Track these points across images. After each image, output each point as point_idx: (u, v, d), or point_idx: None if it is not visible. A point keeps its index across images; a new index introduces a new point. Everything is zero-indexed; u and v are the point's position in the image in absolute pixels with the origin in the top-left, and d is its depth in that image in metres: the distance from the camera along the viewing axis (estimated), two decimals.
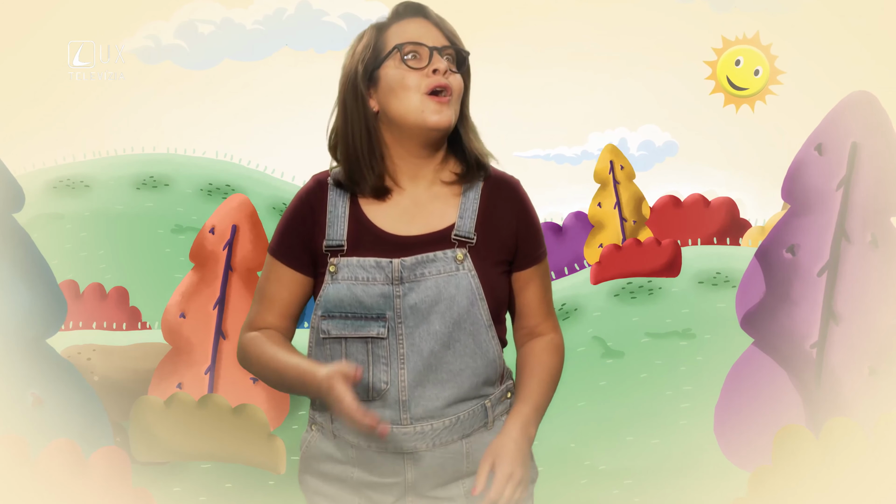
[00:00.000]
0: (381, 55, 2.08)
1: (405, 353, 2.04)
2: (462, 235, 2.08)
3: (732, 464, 4.28)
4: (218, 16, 12.18)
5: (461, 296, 2.05)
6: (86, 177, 10.41)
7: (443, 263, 2.06)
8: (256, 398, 5.13)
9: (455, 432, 2.09)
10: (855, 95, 4.06)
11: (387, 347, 2.04)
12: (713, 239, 9.33)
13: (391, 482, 2.11)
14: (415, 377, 2.05)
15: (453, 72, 2.07)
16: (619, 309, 7.00)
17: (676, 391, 6.00)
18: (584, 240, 9.21)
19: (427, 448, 2.08)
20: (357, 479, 2.12)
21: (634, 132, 11.98)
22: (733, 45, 7.58)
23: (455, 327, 2.05)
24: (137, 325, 8.01)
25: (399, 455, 2.08)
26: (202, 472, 5.16)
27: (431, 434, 2.07)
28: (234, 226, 5.26)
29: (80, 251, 9.53)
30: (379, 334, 2.04)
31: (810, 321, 4.08)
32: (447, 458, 2.10)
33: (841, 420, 3.56)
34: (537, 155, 12.41)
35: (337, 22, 12.36)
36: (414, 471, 2.09)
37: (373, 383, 2.05)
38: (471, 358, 2.07)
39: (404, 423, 2.06)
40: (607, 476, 5.24)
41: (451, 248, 2.07)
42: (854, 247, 4.03)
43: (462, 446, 2.11)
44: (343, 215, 2.10)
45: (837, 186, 4.05)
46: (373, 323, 2.04)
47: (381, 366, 2.05)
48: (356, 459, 2.11)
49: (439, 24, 2.11)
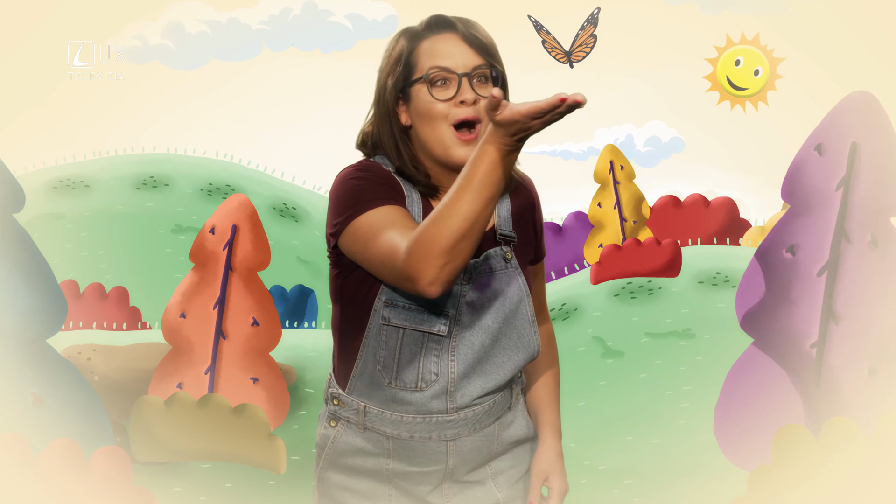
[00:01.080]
0: (411, 76, 2.06)
1: (457, 346, 2.07)
2: (505, 234, 2.13)
3: (732, 464, 4.28)
4: (223, 16, 12.19)
5: (512, 293, 2.09)
6: (86, 177, 10.41)
7: (495, 261, 2.09)
8: (256, 398, 5.14)
9: (490, 416, 2.15)
10: (855, 95, 4.06)
11: (440, 341, 2.06)
12: (713, 239, 9.32)
13: (431, 470, 2.14)
14: (464, 370, 2.08)
15: (483, 97, 2.02)
16: (619, 309, 7.00)
17: (676, 391, 6.00)
18: (584, 240, 9.21)
19: (468, 433, 2.13)
20: (392, 470, 2.14)
21: (641, 128, 11.96)
22: (733, 45, 7.57)
23: (504, 323, 2.09)
24: (137, 325, 8.01)
25: (442, 442, 2.12)
26: (202, 472, 5.16)
27: (473, 419, 2.12)
28: (235, 226, 5.26)
29: (80, 251, 9.53)
30: (440, 332, 2.05)
31: (810, 321, 4.08)
32: (483, 442, 2.16)
33: (840, 420, 3.57)
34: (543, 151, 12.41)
35: (343, 22, 12.36)
36: (455, 456, 2.14)
37: (422, 374, 2.07)
38: (514, 351, 2.12)
39: (450, 412, 2.10)
40: (607, 476, 5.24)
41: (499, 247, 2.10)
42: (854, 247, 4.03)
43: (494, 428, 2.17)
44: (418, 204, 2.08)
45: (837, 186, 4.05)
46: (435, 319, 2.05)
47: (432, 357, 2.07)
48: (393, 451, 2.13)
49: (472, 41, 2.05)
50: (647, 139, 11.94)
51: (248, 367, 5.19)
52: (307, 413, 5.77)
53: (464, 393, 2.09)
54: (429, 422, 2.10)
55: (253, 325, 5.21)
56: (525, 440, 2.24)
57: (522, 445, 2.24)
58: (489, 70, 2.04)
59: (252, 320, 5.22)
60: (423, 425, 2.10)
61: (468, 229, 1.80)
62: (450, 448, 2.13)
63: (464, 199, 1.78)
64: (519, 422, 2.22)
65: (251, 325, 5.22)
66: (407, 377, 2.07)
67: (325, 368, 5.93)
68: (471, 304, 2.06)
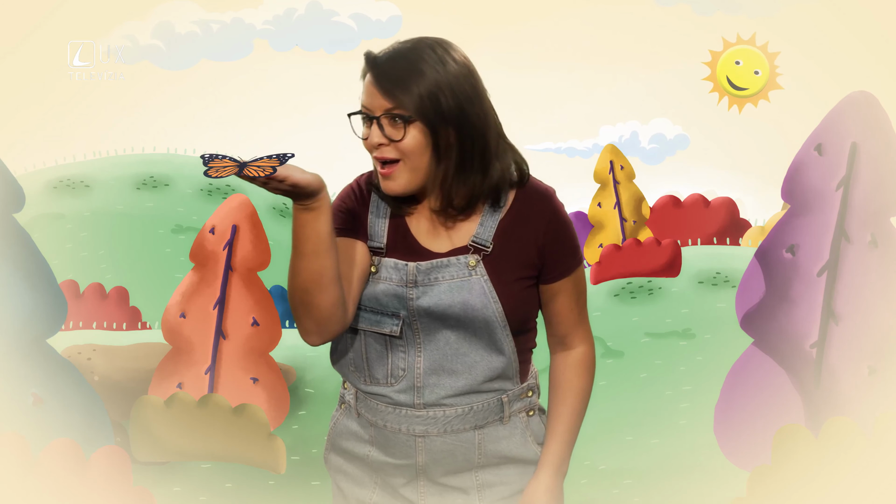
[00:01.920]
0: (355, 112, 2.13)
1: (422, 342, 2.13)
2: (478, 243, 2.13)
3: (732, 464, 4.28)
4: (228, 17, 12.18)
5: (475, 299, 2.10)
6: (86, 177, 10.42)
7: (456, 269, 2.12)
8: (256, 398, 5.14)
9: (467, 422, 2.17)
10: (855, 95, 4.05)
11: (403, 339, 2.14)
12: (713, 239, 9.33)
13: (403, 463, 2.20)
14: (430, 365, 2.14)
15: (394, 141, 2.04)
16: (619, 309, 7.01)
17: (676, 391, 6.00)
18: (584, 240, 9.21)
19: (438, 433, 2.16)
20: (374, 458, 2.23)
21: (646, 125, 11.95)
22: (733, 45, 7.58)
23: (471, 326, 2.12)
24: (137, 325, 8.02)
25: (411, 437, 2.17)
26: (202, 472, 5.16)
27: (443, 420, 2.16)
28: (235, 226, 5.26)
29: (80, 251, 9.53)
30: (392, 332, 2.13)
31: (810, 321, 4.08)
32: (457, 446, 2.18)
33: (840, 420, 3.56)
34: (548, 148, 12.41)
35: (347, 22, 12.36)
36: (424, 454, 2.18)
37: (391, 370, 2.16)
38: (485, 352, 2.14)
39: (417, 408, 2.15)
40: (607, 476, 5.25)
41: (464, 255, 2.12)
42: (854, 247, 4.03)
43: (474, 436, 2.18)
44: (385, 219, 2.16)
45: (837, 186, 4.05)
46: (387, 320, 2.13)
47: (399, 353, 2.15)
48: (375, 439, 2.21)
49: (383, 83, 2.04)
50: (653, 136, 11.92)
51: (248, 367, 5.19)
52: (307, 413, 5.78)
53: (432, 390, 2.14)
54: (399, 413, 2.17)
55: (253, 325, 5.22)
56: (520, 460, 2.23)
57: (516, 465, 2.23)
58: (402, 112, 2.04)
59: (252, 320, 5.22)
60: (393, 416, 2.17)
61: (303, 283, 2.01)
62: (418, 444, 2.17)
63: (292, 259, 2.02)
64: (515, 440, 2.21)
65: (251, 325, 5.22)
66: (378, 374, 2.17)
67: (325, 368, 5.93)
68: (428, 310, 2.11)
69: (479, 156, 2.08)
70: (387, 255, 2.14)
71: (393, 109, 2.04)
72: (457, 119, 2.05)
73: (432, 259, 2.12)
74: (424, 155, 2.05)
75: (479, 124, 2.07)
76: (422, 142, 2.05)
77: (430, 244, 2.15)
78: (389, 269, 2.12)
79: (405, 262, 2.12)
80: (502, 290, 2.11)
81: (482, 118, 2.08)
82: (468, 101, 2.06)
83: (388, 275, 2.12)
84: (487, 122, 2.09)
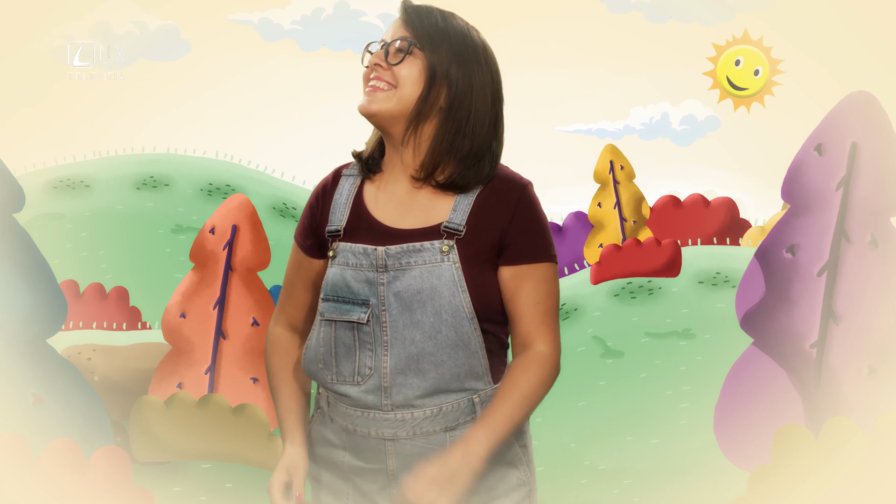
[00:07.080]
0: None
1: (389, 340, 2.07)
2: (451, 228, 2.09)
3: (732, 463, 4.28)
4: (256, 17, 12.19)
5: (443, 286, 2.06)
6: (86, 177, 10.41)
7: (429, 254, 2.07)
8: (256, 398, 5.14)
9: (437, 423, 2.10)
10: (855, 95, 4.06)
11: (371, 334, 2.08)
12: (713, 239, 9.33)
13: (375, 468, 2.14)
14: (396, 364, 2.07)
15: (392, 64, 2.07)
16: (619, 309, 7.01)
17: (676, 391, 6.00)
18: (584, 240, 9.22)
19: (408, 436, 2.10)
20: (347, 464, 2.17)
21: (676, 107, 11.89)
22: (732, 45, 7.58)
23: (437, 318, 2.06)
24: (137, 325, 8.02)
25: (381, 441, 2.11)
26: (202, 472, 5.16)
27: (412, 422, 2.10)
28: (235, 226, 5.26)
29: (80, 251, 9.53)
30: (359, 319, 2.08)
31: (810, 321, 4.08)
32: (428, 449, 2.10)
33: (840, 420, 3.57)
34: (579, 129, 12.39)
35: (375, 22, 12.37)
36: (395, 458, 2.12)
37: (358, 368, 2.10)
38: (452, 349, 2.07)
39: (385, 409, 2.09)
40: (607, 476, 5.25)
41: (438, 240, 2.08)
42: (854, 247, 4.03)
43: (445, 438, 2.11)
44: (346, 203, 2.15)
45: (837, 186, 4.05)
46: (356, 308, 2.09)
47: (366, 351, 2.09)
48: (347, 443, 2.15)
49: (408, 14, 2.12)
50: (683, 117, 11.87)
51: (248, 367, 5.19)
52: None
53: (399, 391, 2.08)
54: (367, 417, 2.11)
55: (253, 325, 5.22)
56: (494, 461, 2.11)
57: (490, 466, 2.10)
58: (411, 38, 2.08)
59: (252, 320, 5.22)
60: (362, 419, 2.12)
61: None
62: (388, 448, 2.12)
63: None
64: None
65: (251, 325, 5.22)
66: (345, 370, 2.11)
67: None
68: (398, 295, 2.06)
69: (470, 137, 2.09)
70: (345, 238, 2.11)
71: (405, 38, 2.08)
72: (457, 85, 2.08)
73: (401, 241, 2.07)
74: (414, 91, 2.06)
75: (479, 110, 2.09)
76: (415, 76, 2.07)
77: (395, 221, 2.10)
78: (358, 254, 2.08)
79: (374, 247, 2.07)
80: (470, 277, 2.07)
81: (483, 109, 2.10)
82: (479, 87, 2.09)
83: (357, 260, 2.08)
84: (486, 119, 2.10)
